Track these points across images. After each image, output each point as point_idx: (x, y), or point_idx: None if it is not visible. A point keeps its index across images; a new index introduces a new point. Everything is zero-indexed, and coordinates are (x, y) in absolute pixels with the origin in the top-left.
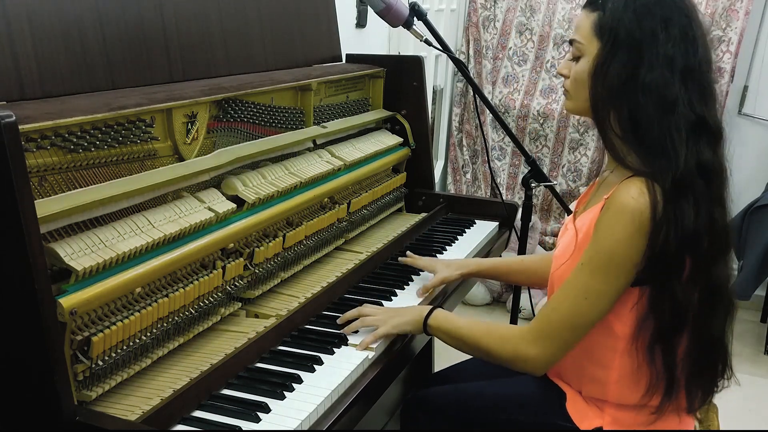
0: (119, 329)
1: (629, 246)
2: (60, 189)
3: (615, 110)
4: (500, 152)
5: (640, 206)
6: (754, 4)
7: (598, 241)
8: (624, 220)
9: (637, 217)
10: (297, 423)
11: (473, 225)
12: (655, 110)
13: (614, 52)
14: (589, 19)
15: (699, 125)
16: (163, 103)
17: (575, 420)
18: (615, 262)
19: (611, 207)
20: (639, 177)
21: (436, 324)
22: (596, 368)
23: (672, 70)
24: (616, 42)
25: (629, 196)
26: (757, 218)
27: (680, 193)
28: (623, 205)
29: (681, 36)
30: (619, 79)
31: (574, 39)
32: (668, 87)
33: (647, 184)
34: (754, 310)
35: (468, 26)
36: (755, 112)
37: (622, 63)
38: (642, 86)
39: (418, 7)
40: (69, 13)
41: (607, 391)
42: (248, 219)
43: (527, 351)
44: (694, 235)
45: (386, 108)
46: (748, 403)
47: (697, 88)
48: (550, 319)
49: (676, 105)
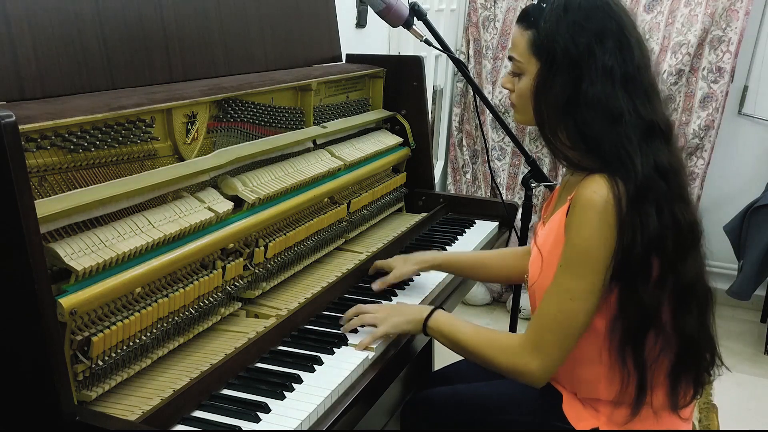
0: (119, 329)
1: (600, 240)
2: (60, 189)
3: (562, 126)
4: (500, 152)
5: (603, 200)
6: (754, 4)
7: (570, 241)
8: (591, 215)
9: (602, 210)
10: (297, 423)
11: (473, 225)
12: (602, 124)
13: (553, 72)
14: (524, 38)
15: (649, 129)
16: (163, 103)
17: (572, 421)
18: (591, 257)
19: (576, 205)
20: (599, 174)
21: (435, 326)
22: (584, 368)
23: (613, 82)
24: (554, 62)
25: (592, 192)
26: (757, 218)
27: (642, 198)
28: (588, 200)
29: (616, 45)
30: (562, 97)
31: (512, 56)
32: (611, 99)
33: (608, 179)
34: (754, 310)
35: (468, 26)
36: (755, 112)
37: (562, 82)
38: (585, 102)
39: (418, 7)
40: (69, 13)
41: (598, 389)
42: (248, 219)
43: (525, 364)
44: (658, 237)
45: (386, 108)
46: (748, 403)
47: (640, 93)
48: (541, 327)
49: (622, 115)
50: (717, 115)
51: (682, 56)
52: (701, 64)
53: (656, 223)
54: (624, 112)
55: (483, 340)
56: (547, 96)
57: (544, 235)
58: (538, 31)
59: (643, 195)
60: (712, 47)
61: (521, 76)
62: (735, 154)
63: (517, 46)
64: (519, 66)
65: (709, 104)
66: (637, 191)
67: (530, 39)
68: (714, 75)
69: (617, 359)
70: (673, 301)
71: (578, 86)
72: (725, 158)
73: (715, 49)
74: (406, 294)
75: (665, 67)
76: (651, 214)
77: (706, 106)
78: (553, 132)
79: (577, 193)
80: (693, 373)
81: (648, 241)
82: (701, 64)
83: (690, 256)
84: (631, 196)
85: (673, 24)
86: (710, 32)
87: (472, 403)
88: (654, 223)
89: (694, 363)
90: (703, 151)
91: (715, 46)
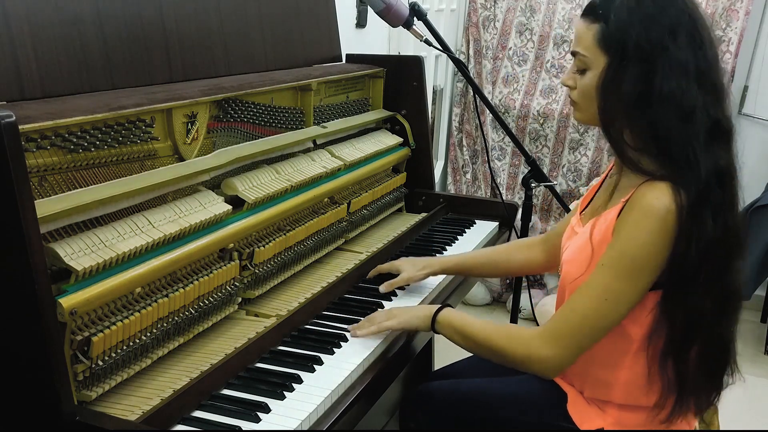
0: (119, 329)
1: (653, 248)
2: (60, 189)
3: (630, 124)
4: (500, 152)
5: (666, 208)
6: (754, 4)
7: (620, 243)
8: (649, 221)
9: (662, 219)
10: (297, 423)
11: (473, 225)
12: (675, 121)
13: (625, 66)
14: (590, 31)
15: (715, 130)
16: (163, 103)
17: (576, 420)
18: (638, 263)
19: (635, 208)
20: (661, 180)
21: (445, 321)
22: (602, 370)
23: (687, 77)
24: (625, 56)
25: (654, 198)
26: (757, 218)
27: (703, 203)
28: (649, 206)
29: (689, 41)
30: (633, 93)
31: (576, 51)
32: (686, 95)
33: (672, 187)
34: (754, 310)
35: (468, 26)
36: (755, 112)
37: (635, 77)
38: (659, 98)
39: (418, 7)
40: (69, 13)
41: (612, 392)
42: (248, 219)
43: (541, 352)
44: (713, 242)
45: (386, 108)
46: (748, 403)
47: (711, 90)
48: (567, 320)
49: (694, 113)
50: None
51: None
52: None
53: (712, 230)
54: (696, 110)
55: (494, 331)
56: (616, 92)
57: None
58: (607, 24)
59: (704, 200)
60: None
61: (585, 72)
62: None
63: (583, 40)
64: (584, 61)
65: None
66: (698, 196)
67: (598, 32)
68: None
69: (657, 367)
70: (715, 309)
71: (651, 81)
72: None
73: None
74: (406, 294)
75: None
76: (708, 221)
77: None
78: (618, 131)
79: (636, 196)
80: (717, 378)
81: (703, 248)
82: None
83: (735, 264)
84: (692, 202)
85: None
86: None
87: (472, 399)
88: (710, 230)
89: (720, 368)
90: None
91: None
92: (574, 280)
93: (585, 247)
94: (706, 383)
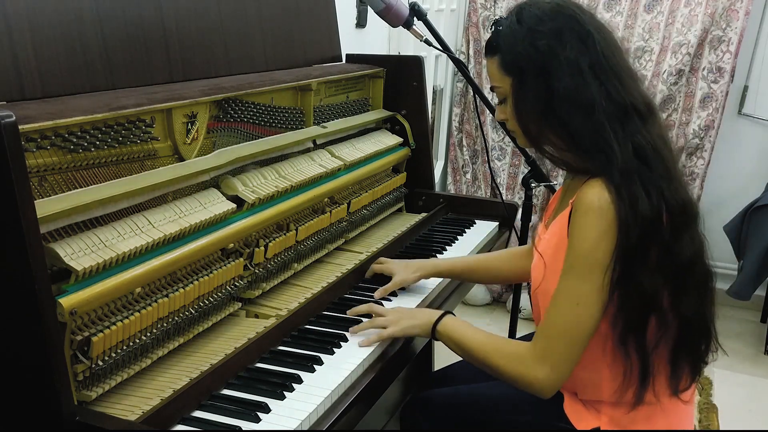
0: (119, 329)
1: (603, 243)
2: (60, 189)
3: (549, 131)
4: (500, 152)
5: (603, 203)
6: (754, 4)
7: (574, 245)
8: (592, 219)
9: (602, 214)
10: (297, 423)
11: (473, 225)
12: (579, 115)
13: (524, 80)
14: (494, 64)
15: (624, 112)
16: (163, 103)
17: (573, 421)
18: (593, 261)
19: (579, 209)
20: (596, 178)
21: (445, 331)
22: (587, 372)
23: (581, 73)
24: (522, 72)
25: (591, 195)
26: (757, 218)
27: (628, 181)
28: (588, 204)
29: (575, 38)
30: (538, 103)
31: (493, 86)
32: (581, 89)
33: (605, 182)
34: (754, 310)
35: (468, 26)
36: (755, 112)
37: (535, 88)
38: (559, 99)
39: (418, 7)
40: (69, 13)
41: (601, 391)
42: (248, 219)
43: (534, 374)
44: (650, 217)
45: (386, 108)
46: (748, 403)
47: (611, 77)
48: (549, 336)
49: (594, 103)
50: (717, 115)
51: (682, 56)
52: (701, 64)
53: (647, 204)
54: (595, 100)
55: (491, 349)
56: (525, 107)
57: (546, 239)
58: (501, 53)
59: (629, 179)
60: (712, 47)
61: (506, 101)
62: (735, 154)
63: (492, 75)
64: (500, 91)
65: (709, 104)
66: (621, 175)
67: (499, 62)
68: (714, 75)
69: (619, 350)
70: (670, 283)
71: (550, 87)
72: (725, 158)
73: (715, 49)
74: (405, 295)
75: (665, 67)
76: (640, 197)
77: (706, 106)
78: (543, 141)
79: (578, 197)
80: (692, 355)
81: (642, 224)
82: (701, 64)
83: (685, 236)
84: (617, 183)
85: (673, 24)
86: (710, 32)
87: (472, 404)
88: (645, 205)
89: (693, 345)
90: (703, 151)
91: (715, 46)
92: (536, 289)
93: (539, 260)
94: (682, 361)
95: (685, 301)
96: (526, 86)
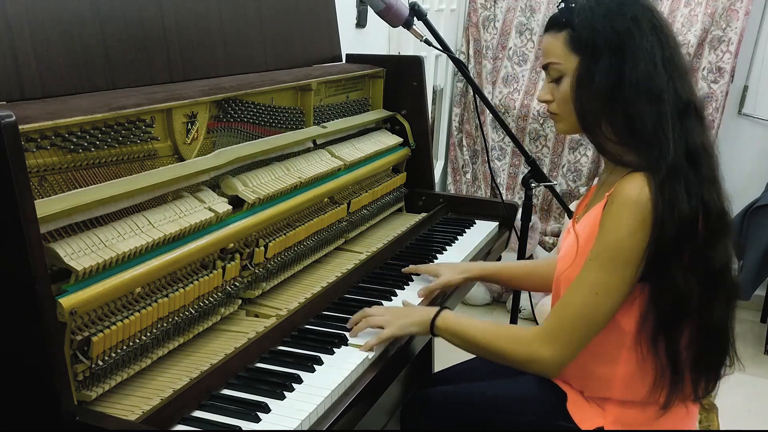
0: (119, 329)
1: (635, 237)
2: (60, 189)
3: (607, 116)
4: (500, 152)
5: (642, 198)
6: (754, 4)
7: (604, 235)
8: (628, 211)
9: (640, 208)
10: (297, 423)
11: (473, 225)
12: (646, 104)
13: (597, 60)
14: (559, 40)
15: (685, 110)
16: (163, 103)
17: (576, 420)
18: (623, 254)
19: (615, 201)
20: (638, 172)
21: (443, 325)
22: (600, 366)
23: (654, 62)
24: (596, 50)
25: (631, 188)
26: (757, 218)
27: (674, 179)
28: (626, 197)
29: (651, 29)
30: (607, 83)
31: (549, 62)
32: (654, 78)
33: (646, 177)
34: (754, 310)
35: (468, 26)
36: (755, 112)
37: (607, 67)
38: (630, 84)
39: (418, 7)
40: (69, 13)
41: (611, 388)
42: (248, 219)
43: (542, 352)
44: (689, 218)
45: (386, 108)
46: (748, 403)
47: (677, 73)
48: (562, 317)
49: (662, 94)
50: (717, 115)
51: None
52: (701, 64)
53: (686, 205)
54: (664, 92)
55: (494, 333)
56: (591, 87)
57: (579, 230)
58: (573, 28)
59: (675, 177)
60: (712, 47)
61: (561, 80)
62: (735, 154)
63: (553, 50)
64: (558, 69)
65: (709, 104)
66: (668, 172)
67: (567, 38)
68: (714, 75)
69: (649, 351)
70: (701, 289)
71: (622, 70)
72: (725, 158)
73: (715, 49)
74: (406, 294)
75: None
76: (681, 197)
77: (706, 106)
78: (597, 126)
79: (617, 189)
80: (714, 363)
81: (679, 222)
82: (701, 64)
83: (720, 243)
84: (662, 178)
85: (673, 24)
86: (710, 32)
87: (473, 403)
88: (684, 204)
89: (715, 352)
90: None
91: (715, 46)
92: (562, 273)
93: (574, 243)
94: (703, 369)
95: (713, 308)
96: (597, 64)
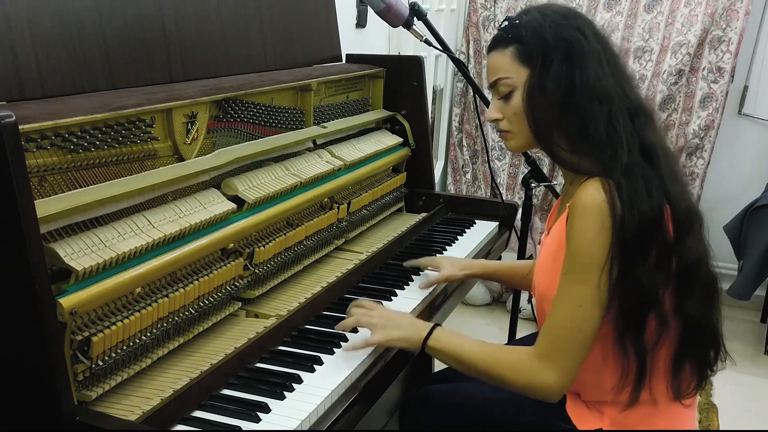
0: (119, 329)
1: (599, 243)
2: (60, 189)
3: (560, 124)
4: (500, 152)
5: (598, 201)
6: (754, 4)
7: (571, 246)
8: (588, 218)
9: (598, 212)
10: (297, 423)
11: (473, 225)
12: (597, 105)
13: (547, 68)
14: (506, 56)
15: (635, 111)
16: (163, 103)
17: (575, 422)
18: (592, 260)
19: (575, 210)
20: (594, 177)
21: (438, 346)
22: (590, 374)
23: (601, 65)
24: (546, 58)
25: (587, 195)
26: (757, 218)
27: (631, 178)
28: (584, 204)
29: (595, 36)
30: (559, 89)
31: (498, 78)
32: (603, 79)
33: (601, 181)
34: (754, 310)
35: (468, 26)
36: (755, 112)
37: (557, 73)
38: (582, 87)
39: (418, 7)
40: (69, 13)
41: (604, 392)
42: (248, 219)
43: (542, 378)
44: (650, 216)
45: (386, 108)
46: (748, 403)
47: (624, 77)
48: (556, 339)
49: (612, 94)
50: (717, 115)
51: (682, 56)
52: (701, 64)
53: (647, 203)
54: (613, 91)
55: (490, 360)
56: (543, 95)
57: (547, 244)
58: (521, 42)
59: (632, 174)
60: (712, 47)
61: (511, 95)
62: (735, 154)
63: (502, 66)
64: (508, 83)
65: (709, 104)
66: (625, 171)
67: (514, 52)
68: (714, 75)
69: (617, 348)
70: (675, 284)
71: (573, 74)
72: (725, 158)
73: (715, 49)
74: (406, 294)
75: (665, 67)
76: (641, 194)
77: (706, 106)
78: (551, 136)
79: (575, 199)
80: (697, 361)
81: (641, 221)
82: (701, 64)
83: (689, 238)
84: (618, 178)
85: (673, 24)
86: (710, 32)
87: (472, 402)
88: (645, 203)
89: (697, 349)
90: (703, 151)
91: (715, 46)
92: (540, 294)
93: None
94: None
95: (689, 302)
96: (550, 73)
